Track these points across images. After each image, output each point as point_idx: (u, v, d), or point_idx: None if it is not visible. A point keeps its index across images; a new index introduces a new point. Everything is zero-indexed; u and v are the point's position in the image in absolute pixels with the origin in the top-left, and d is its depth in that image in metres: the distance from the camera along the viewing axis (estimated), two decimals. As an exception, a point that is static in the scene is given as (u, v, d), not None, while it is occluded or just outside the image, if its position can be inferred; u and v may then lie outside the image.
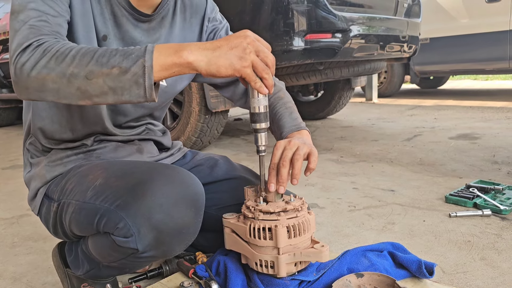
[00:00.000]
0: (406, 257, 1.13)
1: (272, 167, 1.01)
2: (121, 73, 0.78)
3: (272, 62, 0.87)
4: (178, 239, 0.94)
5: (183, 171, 0.98)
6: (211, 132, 3.11)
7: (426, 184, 2.16)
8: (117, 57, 0.78)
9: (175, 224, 0.90)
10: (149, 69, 0.77)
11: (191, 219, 0.93)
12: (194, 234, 0.98)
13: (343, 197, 2.03)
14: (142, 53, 0.78)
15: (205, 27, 1.21)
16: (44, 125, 1.12)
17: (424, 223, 1.65)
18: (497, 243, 1.44)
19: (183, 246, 0.98)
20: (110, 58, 0.78)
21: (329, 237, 1.57)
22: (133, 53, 0.79)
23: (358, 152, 3.00)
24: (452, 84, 8.91)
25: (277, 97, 1.21)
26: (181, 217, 0.91)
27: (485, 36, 5.18)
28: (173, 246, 0.95)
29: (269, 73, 0.86)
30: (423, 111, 5.02)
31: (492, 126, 3.73)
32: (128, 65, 0.78)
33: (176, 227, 0.91)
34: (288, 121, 1.14)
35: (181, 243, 0.96)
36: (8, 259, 1.53)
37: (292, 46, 2.60)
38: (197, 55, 0.80)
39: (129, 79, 0.78)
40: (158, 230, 0.89)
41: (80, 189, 1.00)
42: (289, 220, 0.98)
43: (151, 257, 0.95)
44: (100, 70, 0.78)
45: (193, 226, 0.95)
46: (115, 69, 0.78)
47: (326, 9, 2.64)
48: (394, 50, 3.29)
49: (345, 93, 4.43)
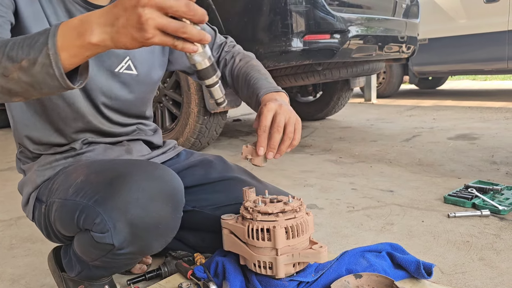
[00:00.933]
0: (404, 258, 1.13)
1: (263, 129, 0.96)
2: (30, 65, 0.71)
3: (188, 7, 0.69)
4: (155, 235, 0.93)
5: (162, 167, 0.98)
6: (209, 133, 3.11)
7: (425, 184, 2.16)
8: (24, 48, 0.72)
9: (151, 218, 0.90)
10: (54, 56, 0.70)
11: (168, 214, 0.93)
12: (173, 230, 0.98)
13: (341, 197, 2.03)
14: (45, 40, 0.71)
15: None
16: (29, 132, 1.12)
17: (423, 224, 1.65)
18: (495, 243, 1.44)
19: (162, 243, 0.97)
20: (19, 50, 0.72)
21: (327, 238, 1.57)
22: (39, 39, 0.72)
23: (357, 152, 3.00)
24: (451, 85, 8.92)
25: (250, 65, 1.18)
26: (158, 211, 0.90)
27: (483, 36, 5.18)
28: (151, 242, 0.94)
29: (186, 28, 0.69)
30: (422, 111, 5.03)
31: (491, 126, 3.74)
32: (35, 55, 0.71)
33: (153, 222, 0.90)
34: (265, 84, 1.10)
35: (158, 239, 0.95)
36: (6, 261, 1.53)
37: (291, 47, 2.61)
38: (99, 34, 0.70)
39: (40, 71, 0.71)
40: (134, 225, 0.88)
41: (63, 188, 1.01)
42: (288, 221, 0.98)
43: (130, 253, 0.94)
44: (12, 65, 0.72)
45: (171, 221, 0.95)
46: (24, 62, 0.72)
47: (325, 10, 2.64)
48: (393, 50, 3.29)
49: (344, 93, 4.43)
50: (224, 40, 1.29)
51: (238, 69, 1.20)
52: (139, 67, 1.15)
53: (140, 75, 1.15)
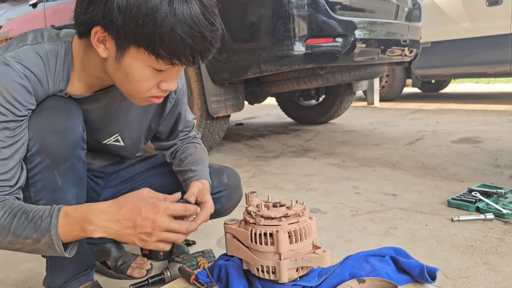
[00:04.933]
0: (408, 262, 1.13)
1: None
2: (34, 242, 0.87)
3: (187, 229, 0.92)
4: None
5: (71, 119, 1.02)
6: (212, 137, 3.11)
7: (428, 188, 2.15)
8: (28, 229, 0.87)
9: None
10: (56, 240, 0.87)
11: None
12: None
13: (345, 201, 2.02)
14: (47, 227, 0.87)
15: (171, 98, 1.24)
16: None
17: (427, 228, 1.64)
18: (500, 247, 1.43)
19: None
20: (23, 231, 0.87)
21: (331, 242, 1.56)
22: (40, 225, 0.87)
23: (360, 156, 3.00)
24: (454, 88, 8.91)
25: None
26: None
27: (486, 39, 5.17)
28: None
29: (178, 238, 0.91)
30: (424, 114, 5.02)
31: (494, 129, 3.72)
32: (38, 236, 0.87)
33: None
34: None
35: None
36: (10, 266, 1.53)
37: (293, 51, 2.61)
38: (101, 233, 0.88)
39: (43, 245, 0.88)
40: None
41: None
42: (291, 225, 0.97)
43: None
44: (17, 240, 0.87)
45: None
46: (29, 240, 0.87)
47: (327, 14, 2.64)
48: (395, 54, 3.29)
49: (347, 97, 4.43)
50: (188, 135, 1.38)
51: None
52: (127, 141, 1.21)
53: (127, 146, 1.23)
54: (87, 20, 0.87)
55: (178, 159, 1.29)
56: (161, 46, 0.83)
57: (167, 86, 0.94)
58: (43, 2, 3.65)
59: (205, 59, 0.89)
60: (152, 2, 0.80)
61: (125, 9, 0.81)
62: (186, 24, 0.82)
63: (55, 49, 0.97)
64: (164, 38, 0.82)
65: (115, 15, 0.82)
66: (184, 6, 0.82)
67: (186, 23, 0.82)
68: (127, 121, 1.17)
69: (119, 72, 0.91)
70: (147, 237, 0.88)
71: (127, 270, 1.38)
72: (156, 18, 0.80)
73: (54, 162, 0.98)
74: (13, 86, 0.89)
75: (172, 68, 0.91)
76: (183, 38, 0.82)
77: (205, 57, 0.89)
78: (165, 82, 0.93)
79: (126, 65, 0.89)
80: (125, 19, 0.81)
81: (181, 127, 1.32)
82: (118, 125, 1.16)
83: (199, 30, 0.83)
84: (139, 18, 0.81)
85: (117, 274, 1.39)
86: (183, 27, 0.82)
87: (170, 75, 0.93)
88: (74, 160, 1.02)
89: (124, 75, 0.91)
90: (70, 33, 1.01)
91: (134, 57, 0.87)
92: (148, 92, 0.94)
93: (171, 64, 0.87)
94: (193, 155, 1.27)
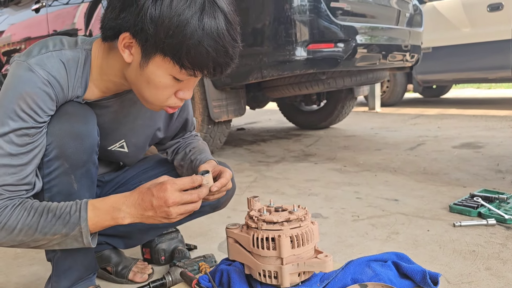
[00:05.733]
0: (410, 267, 1.12)
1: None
2: (62, 237, 0.93)
3: (199, 196, 0.97)
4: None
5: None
6: (214, 142, 3.11)
7: (430, 193, 2.15)
8: (57, 226, 0.92)
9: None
10: (85, 233, 0.93)
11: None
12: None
13: (346, 206, 2.02)
14: (77, 221, 0.93)
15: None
16: None
17: (428, 233, 1.64)
18: (502, 253, 1.42)
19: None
20: (52, 228, 0.92)
21: (332, 247, 1.56)
22: (69, 220, 0.92)
23: (361, 161, 3.00)
24: (455, 93, 8.91)
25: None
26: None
27: (487, 45, 5.18)
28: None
29: (196, 208, 0.97)
30: (426, 120, 5.02)
31: (496, 134, 3.72)
32: (68, 231, 0.93)
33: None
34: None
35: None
36: (11, 270, 1.53)
37: (295, 56, 2.61)
38: (130, 219, 0.95)
39: (70, 238, 0.94)
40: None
41: None
42: (293, 230, 0.98)
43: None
44: (44, 237, 0.93)
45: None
46: (57, 236, 0.93)
47: (328, 19, 2.65)
48: (397, 59, 3.30)
49: (348, 102, 4.44)
50: (190, 134, 1.42)
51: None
52: (131, 148, 1.23)
53: (130, 153, 1.25)
54: (117, 25, 0.90)
55: (182, 154, 1.33)
56: (187, 57, 0.87)
57: (183, 95, 0.98)
58: (46, 7, 3.67)
59: (224, 72, 0.94)
60: (184, 15, 0.84)
61: (157, 19, 0.85)
62: (212, 38, 0.87)
63: (76, 55, 1.00)
64: (190, 50, 0.86)
65: (147, 24, 0.85)
66: (212, 21, 0.86)
67: (212, 37, 0.87)
68: (134, 127, 1.19)
69: (141, 78, 0.94)
70: (167, 215, 0.93)
71: (128, 275, 1.38)
72: (186, 30, 0.84)
73: (72, 167, 1.01)
74: (36, 92, 0.92)
75: (191, 79, 0.95)
76: (208, 51, 0.87)
77: (224, 71, 0.93)
78: (182, 91, 0.98)
79: (149, 72, 0.92)
80: (156, 29, 0.85)
81: (186, 130, 1.38)
82: (124, 131, 1.18)
83: (223, 45, 0.88)
84: (170, 29, 0.85)
85: (118, 279, 1.39)
86: (209, 41, 0.86)
87: (188, 85, 0.97)
88: (90, 165, 1.05)
89: (145, 82, 0.94)
90: (87, 40, 1.04)
91: (159, 65, 0.90)
92: (166, 101, 0.98)
93: (193, 75, 0.92)
94: (196, 147, 1.31)
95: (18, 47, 4.09)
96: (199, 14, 0.85)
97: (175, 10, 0.84)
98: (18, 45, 4.09)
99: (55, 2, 3.60)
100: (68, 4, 3.51)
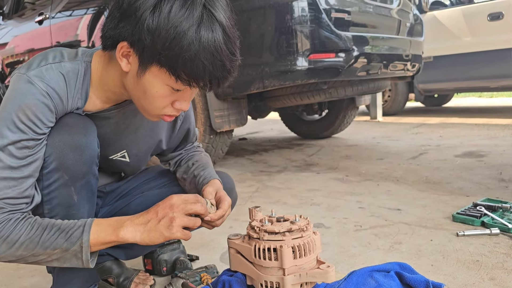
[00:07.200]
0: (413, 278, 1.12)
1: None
2: (62, 251, 0.92)
3: (204, 208, 0.99)
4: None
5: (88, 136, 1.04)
6: (216, 152, 3.11)
7: (432, 202, 2.14)
8: (58, 239, 0.91)
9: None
10: (86, 249, 0.92)
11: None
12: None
13: (349, 216, 2.01)
14: (80, 234, 0.92)
15: (181, 116, 1.28)
16: None
17: (432, 243, 1.63)
18: (506, 263, 1.41)
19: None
20: (53, 242, 0.91)
21: (335, 258, 1.55)
22: (72, 233, 0.92)
23: (363, 171, 2.99)
24: (457, 102, 8.91)
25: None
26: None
27: (488, 54, 5.20)
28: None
29: (198, 223, 0.98)
30: (428, 129, 5.02)
31: (498, 143, 3.71)
32: (68, 246, 0.92)
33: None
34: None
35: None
36: (13, 281, 1.52)
37: (296, 66, 2.62)
38: (132, 233, 0.95)
39: (70, 254, 0.92)
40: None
41: None
42: (295, 240, 0.97)
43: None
44: (44, 251, 0.92)
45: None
46: (57, 250, 0.92)
47: (329, 29, 2.67)
48: (398, 68, 3.31)
49: (350, 112, 4.44)
50: (192, 145, 1.42)
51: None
52: (132, 158, 1.23)
53: (132, 163, 1.25)
54: (116, 35, 0.91)
55: (184, 166, 1.33)
56: (183, 69, 0.87)
57: (180, 105, 0.98)
58: (49, 19, 3.70)
59: (221, 86, 0.93)
60: (181, 27, 0.84)
61: (154, 30, 0.84)
62: (209, 51, 0.86)
63: (76, 67, 1.00)
64: (186, 63, 0.85)
65: (144, 35, 0.85)
66: (210, 34, 0.86)
67: (209, 51, 0.86)
68: (136, 138, 1.19)
69: (138, 87, 0.94)
70: (170, 221, 0.94)
71: (129, 286, 1.37)
72: (183, 43, 0.84)
73: (72, 179, 1.00)
74: (35, 104, 0.92)
75: (188, 90, 0.95)
76: (205, 65, 0.86)
77: (221, 84, 0.93)
78: (179, 101, 0.97)
79: (145, 82, 0.92)
80: (153, 40, 0.85)
81: (188, 141, 1.37)
82: (126, 142, 1.18)
83: (220, 59, 0.87)
84: (166, 41, 0.84)
85: (120, 290, 1.38)
86: (206, 54, 0.86)
87: (185, 95, 0.97)
88: (90, 177, 1.04)
89: (142, 91, 0.94)
90: (87, 52, 1.05)
91: (155, 75, 0.90)
92: (162, 110, 0.97)
93: (189, 86, 0.91)
94: (199, 161, 1.31)
95: (21, 59, 4.12)
96: (196, 26, 0.84)
97: (172, 21, 0.84)
98: (21, 57, 4.12)
99: (58, 14, 3.64)
100: (71, 16, 3.54)
